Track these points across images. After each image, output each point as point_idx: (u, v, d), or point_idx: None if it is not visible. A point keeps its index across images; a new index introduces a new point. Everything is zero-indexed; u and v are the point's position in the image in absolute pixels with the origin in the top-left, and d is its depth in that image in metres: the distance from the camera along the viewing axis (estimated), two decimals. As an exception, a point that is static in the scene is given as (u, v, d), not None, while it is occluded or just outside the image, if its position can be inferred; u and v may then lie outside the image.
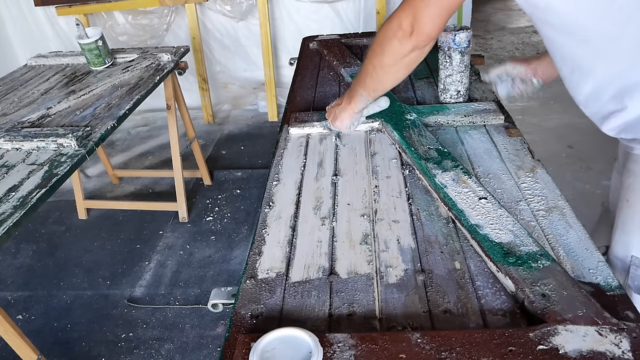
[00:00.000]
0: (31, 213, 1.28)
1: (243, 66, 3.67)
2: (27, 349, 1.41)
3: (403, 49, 1.04)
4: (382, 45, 1.07)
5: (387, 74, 1.13)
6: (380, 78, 1.14)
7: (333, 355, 0.71)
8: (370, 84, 1.18)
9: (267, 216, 1.06)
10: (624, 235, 1.13)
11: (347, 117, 1.29)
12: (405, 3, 1.02)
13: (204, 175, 2.85)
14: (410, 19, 1.00)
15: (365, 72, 1.16)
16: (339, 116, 1.30)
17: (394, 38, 1.04)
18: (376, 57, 1.10)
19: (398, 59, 1.07)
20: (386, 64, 1.09)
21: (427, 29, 1.00)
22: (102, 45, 2.13)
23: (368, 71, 1.15)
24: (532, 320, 0.77)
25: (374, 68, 1.12)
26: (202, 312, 2.02)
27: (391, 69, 1.10)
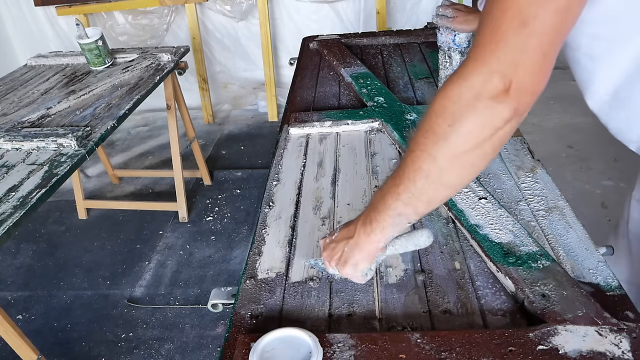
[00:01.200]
0: (31, 213, 1.28)
1: (243, 66, 3.67)
2: (27, 349, 1.41)
3: (495, 120, 0.63)
4: (452, 119, 0.64)
5: (459, 167, 0.68)
6: (445, 177, 0.68)
7: (333, 355, 0.71)
8: (421, 192, 0.70)
9: (267, 216, 1.06)
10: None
11: (365, 258, 0.79)
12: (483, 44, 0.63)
13: (204, 175, 2.85)
14: (502, 66, 0.61)
15: (410, 173, 0.69)
16: (352, 257, 0.80)
17: (478, 105, 0.62)
18: (438, 144, 0.66)
19: (486, 136, 0.64)
20: (461, 150, 0.65)
21: (534, 78, 0.62)
22: (102, 45, 2.13)
23: (420, 169, 0.68)
24: (532, 320, 0.77)
25: (434, 161, 0.67)
26: (202, 312, 2.02)
27: (469, 156, 0.66)
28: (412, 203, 0.71)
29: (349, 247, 0.80)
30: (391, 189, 0.72)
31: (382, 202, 0.74)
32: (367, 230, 0.77)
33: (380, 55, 1.90)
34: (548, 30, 0.60)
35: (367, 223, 0.77)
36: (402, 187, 0.71)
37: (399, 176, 0.71)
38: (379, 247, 0.78)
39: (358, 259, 0.79)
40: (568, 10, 0.60)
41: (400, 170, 0.71)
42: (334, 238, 0.84)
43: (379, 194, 0.75)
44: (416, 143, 0.68)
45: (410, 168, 0.69)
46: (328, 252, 0.83)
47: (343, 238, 0.81)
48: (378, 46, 1.99)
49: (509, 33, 0.60)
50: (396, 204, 0.72)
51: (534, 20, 0.59)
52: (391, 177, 0.74)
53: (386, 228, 0.75)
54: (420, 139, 0.68)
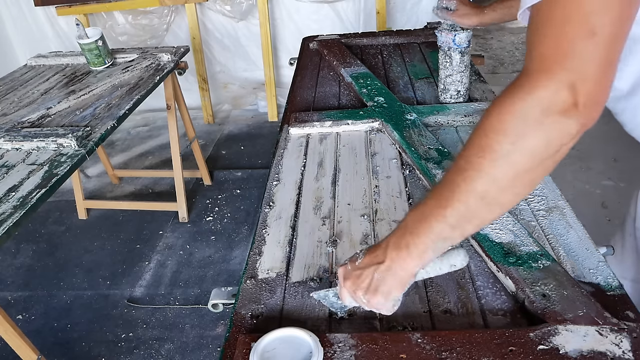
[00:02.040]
0: (31, 213, 1.28)
1: (243, 66, 3.67)
2: (27, 349, 1.41)
3: (562, 135, 0.59)
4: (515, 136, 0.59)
5: (519, 186, 0.63)
6: (503, 197, 0.63)
7: (333, 355, 0.71)
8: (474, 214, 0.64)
9: (267, 216, 1.06)
10: None
11: (398, 285, 0.71)
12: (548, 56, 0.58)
13: (204, 175, 2.85)
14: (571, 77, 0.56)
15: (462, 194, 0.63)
16: (383, 285, 0.71)
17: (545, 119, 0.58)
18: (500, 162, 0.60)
19: (551, 153, 0.60)
20: (524, 168, 0.61)
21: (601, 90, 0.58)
22: (102, 45, 2.13)
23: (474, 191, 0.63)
24: (532, 320, 0.77)
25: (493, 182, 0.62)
26: (202, 312, 2.02)
27: (530, 174, 0.62)
28: (461, 226, 0.65)
29: (379, 273, 0.71)
30: (434, 211, 0.65)
31: (424, 225, 0.66)
32: (403, 255, 0.69)
33: (380, 55, 1.90)
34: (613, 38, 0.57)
35: (403, 247, 0.69)
36: (450, 210, 0.64)
37: (444, 197, 0.64)
38: (414, 272, 0.70)
39: (391, 286, 0.71)
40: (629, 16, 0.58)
41: (446, 191, 0.64)
42: (357, 264, 0.73)
43: (416, 215, 0.68)
44: (468, 162, 0.62)
45: (462, 189, 0.63)
46: (352, 280, 0.73)
47: (371, 264, 0.72)
48: (378, 46, 1.99)
49: (577, 42, 0.56)
50: (441, 228, 0.65)
51: (601, 29, 0.55)
52: (432, 198, 0.67)
53: (426, 252, 0.68)
54: (474, 157, 0.62)
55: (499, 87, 2.98)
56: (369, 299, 0.72)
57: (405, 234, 0.69)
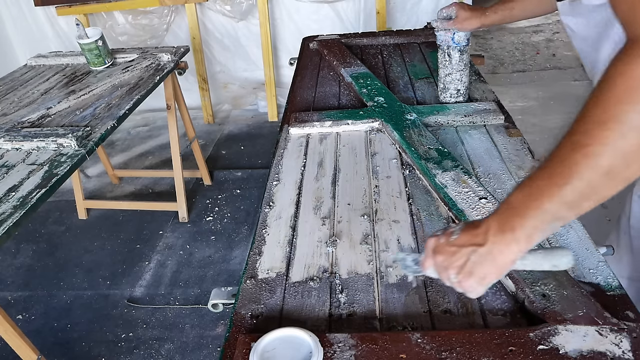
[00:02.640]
0: (31, 213, 1.28)
1: (243, 66, 3.67)
2: (27, 349, 1.41)
3: None
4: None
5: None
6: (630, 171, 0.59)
7: (333, 355, 0.71)
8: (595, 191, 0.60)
9: (267, 216, 1.06)
10: None
11: (496, 271, 0.67)
12: None
13: (204, 175, 2.85)
14: None
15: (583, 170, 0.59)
16: (480, 269, 0.67)
17: None
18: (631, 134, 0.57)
19: None
20: None
21: None
22: (102, 45, 2.13)
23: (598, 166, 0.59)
24: (532, 320, 0.77)
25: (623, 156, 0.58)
26: (202, 312, 2.02)
27: None
28: (578, 205, 0.61)
29: (477, 256, 0.66)
30: (547, 190, 0.61)
31: (535, 205, 0.62)
32: (507, 238, 0.64)
33: (380, 55, 1.90)
34: None
35: (508, 230, 0.64)
36: (567, 188, 0.60)
37: (559, 175, 0.60)
38: (515, 259, 0.65)
39: (487, 272, 0.66)
40: None
41: (560, 168, 0.60)
42: (453, 240, 0.69)
43: (523, 196, 0.64)
44: (590, 136, 0.58)
45: (583, 165, 0.59)
46: (445, 256, 0.69)
47: (468, 244, 0.67)
48: (378, 46, 1.99)
49: None
50: (556, 207, 0.61)
51: None
52: (541, 178, 0.63)
53: (534, 235, 0.63)
54: (597, 131, 0.58)
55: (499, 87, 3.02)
56: (461, 281, 0.68)
57: (511, 216, 0.64)
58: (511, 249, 0.65)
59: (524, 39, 4.84)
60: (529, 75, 4.01)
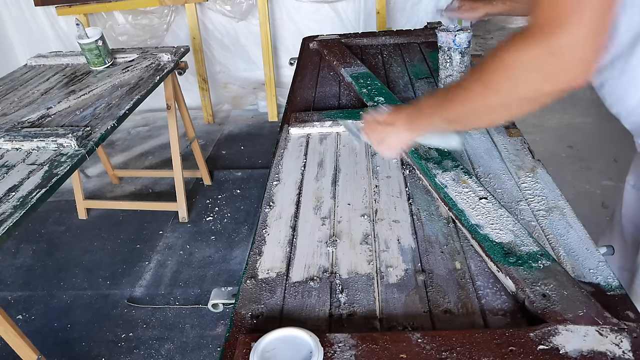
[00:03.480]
0: (31, 213, 1.28)
1: (243, 66, 3.67)
2: (27, 349, 1.41)
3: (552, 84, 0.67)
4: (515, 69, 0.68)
5: (510, 108, 0.74)
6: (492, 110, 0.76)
7: (333, 355, 0.71)
8: (463, 113, 0.80)
9: (268, 216, 1.06)
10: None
11: (398, 144, 0.96)
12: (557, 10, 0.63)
13: (204, 175, 2.85)
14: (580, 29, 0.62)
15: (461, 94, 0.78)
16: (388, 141, 0.96)
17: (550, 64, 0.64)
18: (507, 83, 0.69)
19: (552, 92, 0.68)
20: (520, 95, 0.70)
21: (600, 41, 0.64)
22: (102, 45, 2.13)
23: (471, 93, 0.76)
24: (532, 320, 0.77)
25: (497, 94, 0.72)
26: (202, 312, 2.02)
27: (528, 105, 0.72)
28: (453, 124, 0.86)
29: (388, 132, 0.95)
30: (436, 110, 0.85)
31: (429, 114, 0.87)
32: (409, 126, 0.93)
33: (380, 55, 1.90)
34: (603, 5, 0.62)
35: (412, 121, 0.92)
36: (447, 112, 0.83)
37: (448, 100, 0.82)
38: (413, 137, 0.95)
39: (393, 143, 0.97)
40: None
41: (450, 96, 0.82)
42: (379, 119, 0.98)
43: (427, 104, 0.88)
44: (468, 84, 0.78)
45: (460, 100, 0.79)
46: (372, 127, 1.00)
47: (387, 123, 0.96)
48: (378, 46, 1.99)
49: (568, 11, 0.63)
50: (439, 121, 0.86)
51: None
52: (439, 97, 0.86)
53: (425, 129, 0.92)
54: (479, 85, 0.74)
55: (499, 87, 2.87)
56: (375, 145, 1.00)
57: (417, 114, 0.91)
58: (410, 135, 0.94)
59: (524, 39, 4.84)
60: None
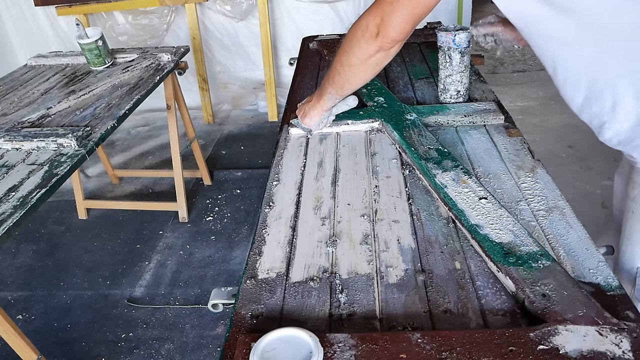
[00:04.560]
0: (31, 213, 1.28)
1: (243, 66, 3.67)
2: (27, 349, 1.41)
3: (369, 50, 1.06)
4: (350, 44, 1.09)
5: (353, 73, 1.14)
6: (348, 77, 1.15)
7: (333, 355, 0.71)
8: (338, 82, 1.18)
9: (267, 216, 1.06)
10: (630, 246, 1.11)
11: (315, 114, 1.29)
12: (374, 5, 1.03)
13: (204, 175, 2.85)
14: (377, 21, 1.02)
15: (334, 70, 1.17)
16: (308, 113, 1.30)
17: (362, 38, 1.06)
18: (344, 55, 1.12)
19: (364, 59, 1.09)
20: (353, 63, 1.11)
21: (392, 33, 1.02)
22: (102, 45, 2.13)
23: (336, 69, 1.16)
24: (532, 320, 0.76)
25: (342, 66, 1.14)
26: (202, 312, 2.02)
27: (357, 68, 1.12)
28: (334, 87, 1.21)
29: (308, 107, 1.31)
30: (328, 78, 1.21)
31: (323, 86, 1.24)
32: (318, 98, 1.27)
33: (380, 55, 1.90)
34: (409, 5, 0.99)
35: (319, 94, 1.27)
36: (330, 78, 1.20)
37: (330, 71, 1.19)
38: (323, 109, 1.28)
39: (312, 114, 1.30)
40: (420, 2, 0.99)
41: (330, 68, 1.19)
42: (304, 102, 1.35)
43: (324, 80, 1.23)
44: (337, 54, 1.15)
45: (333, 68, 1.18)
46: (299, 109, 1.36)
47: (307, 102, 1.33)
48: (378, 46, 1.99)
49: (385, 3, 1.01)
50: (328, 87, 1.22)
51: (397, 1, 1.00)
52: (328, 71, 1.21)
53: (326, 99, 1.26)
54: (339, 51, 1.14)
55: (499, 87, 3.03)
56: (302, 119, 1.33)
57: (321, 87, 1.26)
58: (320, 104, 1.28)
59: (524, 39, 4.84)
60: (529, 75, 4.01)
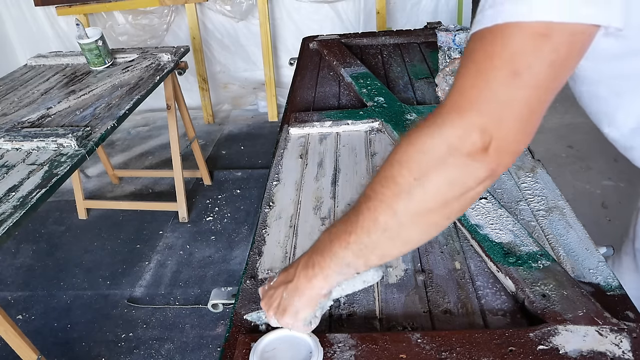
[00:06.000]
0: (31, 213, 1.28)
1: (243, 66, 3.67)
2: (27, 349, 1.41)
3: (468, 178, 0.56)
4: (418, 172, 0.57)
5: (422, 224, 0.60)
6: (405, 233, 0.61)
7: (333, 355, 0.71)
8: (375, 245, 0.62)
9: (267, 216, 1.06)
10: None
11: (306, 304, 0.70)
12: (463, 92, 0.55)
13: (204, 175, 2.85)
14: (484, 121, 0.53)
15: (366, 222, 0.62)
16: (291, 305, 0.70)
17: (451, 159, 0.55)
18: (402, 196, 0.58)
19: (455, 195, 0.57)
20: (426, 206, 0.58)
21: (516, 138, 0.55)
22: (102, 45, 2.13)
23: (377, 221, 0.60)
24: (532, 320, 0.76)
25: (394, 215, 0.59)
26: (202, 312, 2.02)
27: (433, 215, 0.59)
28: (363, 255, 0.63)
29: (287, 292, 0.69)
30: (341, 236, 0.64)
31: (329, 248, 0.65)
32: (309, 274, 0.67)
33: (380, 55, 1.90)
34: (541, 84, 0.52)
35: (310, 267, 0.67)
36: (354, 237, 0.62)
37: (351, 223, 0.63)
38: (321, 293, 0.68)
39: (298, 306, 0.69)
40: (565, 64, 0.52)
41: (354, 217, 0.62)
42: (272, 284, 0.73)
43: (327, 236, 0.66)
44: (374, 190, 0.60)
45: (366, 217, 0.61)
46: (266, 300, 0.73)
47: (281, 283, 0.71)
48: (378, 46, 1.99)
49: (495, 82, 0.52)
50: (345, 253, 0.64)
51: (527, 71, 0.50)
52: (342, 221, 0.65)
53: (330, 276, 0.67)
54: (378, 186, 0.60)
55: (499, 87, 2.90)
56: (279, 319, 0.71)
57: (313, 254, 0.67)
58: (314, 285, 0.67)
59: (524, 39, 4.84)
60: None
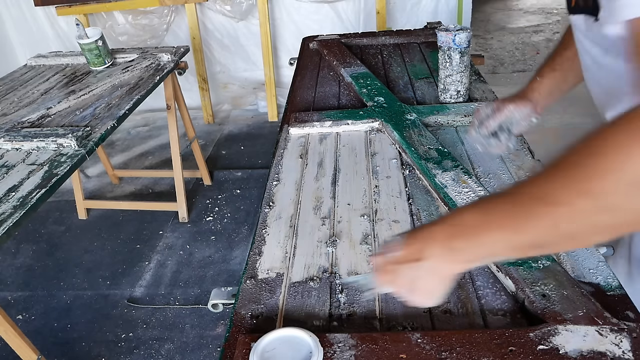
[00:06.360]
0: (31, 213, 1.28)
1: (243, 66, 3.67)
2: (27, 349, 1.41)
3: None
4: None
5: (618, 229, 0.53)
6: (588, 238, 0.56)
7: (333, 355, 0.71)
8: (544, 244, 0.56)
9: (267, 216, 1.06)
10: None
11: (442, 283, 0.65)
12: None
13: (204, 175, 2.85)
14: None
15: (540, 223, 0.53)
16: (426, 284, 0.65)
17: None
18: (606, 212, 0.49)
19: None
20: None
21: None
22: (102, 45, 2.13)
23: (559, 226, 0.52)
24: (532, 320, 0.76)
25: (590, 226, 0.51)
26: (202, 312, 2.02)
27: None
28: (524, 251, 0.58)
29: (420, 271, 0.63)
30: (501, 231, 0.56)
31: (483, 235, 0.58)
32: (448, 257, 0.61)
33: (380, 55, 1.90)
34: None
35: (453, 250, 0.60)
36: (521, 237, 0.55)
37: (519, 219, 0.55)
38: (459, 271, 0.64)
39: (433, 286, 0.64)
40: None
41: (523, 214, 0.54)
42: (396, 257, 0.65)
43: (479, 219, 0.58)
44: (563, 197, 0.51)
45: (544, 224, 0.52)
46: (390, 276, 0.66)
47: (410, 259, 0.63)
48: (378, 46, 1.99)
49: None
50: (503, 246, 0.58)
51: None
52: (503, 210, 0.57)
53: (475, 262, 0.63)
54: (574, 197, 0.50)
55: (499, 87, 3.03)
56: (408, 296, 0.66)
57: (459, 237, 0.60)
58: (455, 268, 0.63)
59: (524, 39, 4.84)
60: (529, 75, 3.99)
